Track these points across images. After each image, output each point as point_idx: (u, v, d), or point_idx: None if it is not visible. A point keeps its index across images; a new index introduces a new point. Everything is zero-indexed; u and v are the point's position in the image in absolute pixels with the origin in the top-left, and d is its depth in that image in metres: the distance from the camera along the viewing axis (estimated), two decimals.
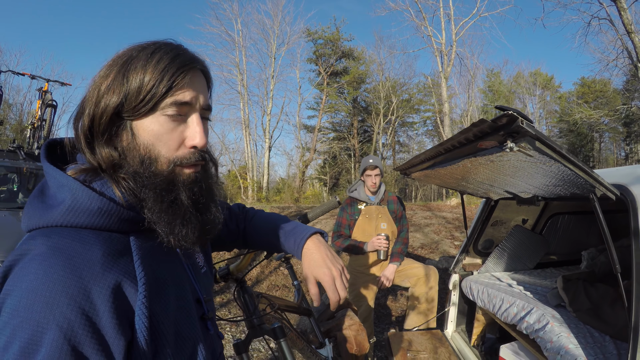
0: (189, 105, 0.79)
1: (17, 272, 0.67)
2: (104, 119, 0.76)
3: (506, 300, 2.72)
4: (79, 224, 0.72)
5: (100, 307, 0.66)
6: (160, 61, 0.76)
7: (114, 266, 0.71)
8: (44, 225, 0.73)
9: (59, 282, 0.64)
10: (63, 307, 0.63)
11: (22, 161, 6.58)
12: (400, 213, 4.02)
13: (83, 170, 0.78)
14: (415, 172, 2.56)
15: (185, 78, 0.78)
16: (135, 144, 0.77)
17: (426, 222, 12.28)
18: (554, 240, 3.90)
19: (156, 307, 0.75)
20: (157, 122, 0.77)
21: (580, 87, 40.69)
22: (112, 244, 0.74)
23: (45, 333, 0.62)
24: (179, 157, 0.79)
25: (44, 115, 7.56)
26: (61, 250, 0.68)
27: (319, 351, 2.40)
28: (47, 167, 0.79)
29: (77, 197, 0.73)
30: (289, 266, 2.87)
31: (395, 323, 5.36)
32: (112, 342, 0.67)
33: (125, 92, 0.74)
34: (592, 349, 2.04)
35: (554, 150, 1.28)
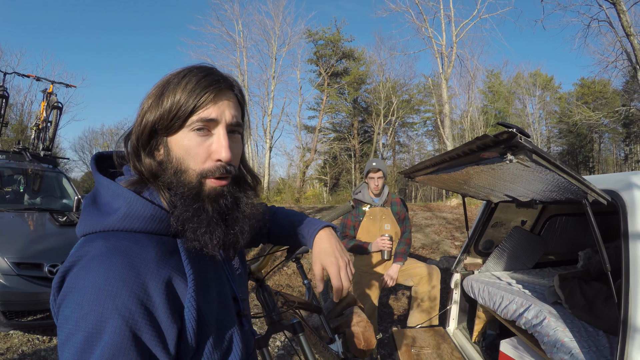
0: (214, 122, 0.88)
1: (78, 271, 0.76)
2: (144, 135, 0.88)
3: (506, 297, 2.85)
4: (133, 228, 0.83)
5: (156, 299, 0.76)
6: (189, 83, 0.86)
7: (167, 264, 0.81)
8: (101, 230, 0.83)
9: (119, 277, 0.73)
10: (124, 299, 0.72)
11: (28, 162, 6.59)
12: (404, 214, 4.16)
13: (134, 182, 0.89)
14: (419, 176, 2.70)
15: (211, 97, 0.87)
16: (170, 157, 0.89)
17: (427, 222, 12.40)
18: (552, 240, 4.03)
19: (202, 302, 0.85)
20: (187, 137, 0.87)
21: (580, 88, 40.66)
22: (163, 246, 0.84)
23: (108, 321, 0.70)
24: (205, 170, 0.88)
25: (49, 117, 7.45)
26: (120, 250, 0.77)
27: (330, 346, 2.53)
28: (100, 178, 0.91)
29: (132, 206, 0.84)
30: (299, 266, 2.99)
31: (397, 321, 5.48)
32: (166, 329, 0.77)
33: (161, 111, 0.86)
34: (586, 342, 2.19)
35: (549, 161, 1.44)
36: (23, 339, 4.34)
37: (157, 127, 0.88)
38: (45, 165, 6.77)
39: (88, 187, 32.80)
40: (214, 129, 0.89)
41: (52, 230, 5.09)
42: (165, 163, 0.90)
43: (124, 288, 0.73)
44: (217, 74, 0.92)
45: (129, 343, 0.71)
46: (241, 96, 0.97)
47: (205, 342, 0.85)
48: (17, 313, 4.14)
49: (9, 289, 4.04)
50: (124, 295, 0.72)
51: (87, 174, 39.41)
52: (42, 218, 5.41)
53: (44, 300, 4.15)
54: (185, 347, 0.81)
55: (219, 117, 0.88)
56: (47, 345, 4.28)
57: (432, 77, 34.52)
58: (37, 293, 4.13)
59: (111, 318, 0.71)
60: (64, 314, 0.73)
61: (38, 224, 5.26)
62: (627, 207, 2.00)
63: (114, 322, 0.71)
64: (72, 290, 0.74)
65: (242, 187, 0.98)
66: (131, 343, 0.71)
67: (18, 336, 4.38)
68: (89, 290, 0.72)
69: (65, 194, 6.58)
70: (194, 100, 0.85)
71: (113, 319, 0.71)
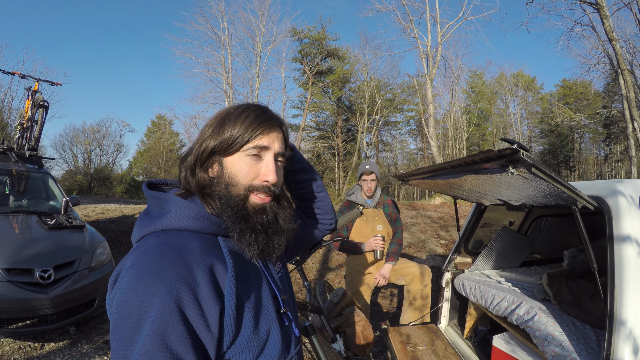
0: (266, 149, 1.06)
1: (132, 263, 0.88)
2: (204, 155, 1.06)
3: (497, 295, 3.00)
4: (180, 227, 0.98)
5: (200, 281, 0.88)
6: (247, 117, 1.05)
7: (209, 253, 0.94)
8: (152, 231, 0.98)
9: (169, 263, 0.86)
10: (173, 280, 0.84)
11: (13, 163, 6.38)
12: (395, 216, 4.28)
13: (180, 194, 1.09)
14: (414, 180, 2.83)
15: (265, 130, 1.05)
16: (223, 174, 1.05)
17: (412, 221, 12.57)
18: (538, 240, 4.21)
19: (241, 289, 0.96)
20: (242, 159, 1.05)
21: (562, 89, 41.44)
22: (206, 240, 0.98)
23: (158, 298, 0.81)
24: (252, 186, 1.04)
25: (35, 116, 7.19)
26: (169, 242, 0.92)
27: (332, 345, 2.66)
28: (152, 193, 1.08)
29: (179, 207, 1.00)
30: (299, 268, 3.10)
31: (385, 319, 5.62)
32: (209, 308, 0.87)
33: (221, 138, 1.04)
34: (575, 335, 2.36)
35: (545, 174, 1.59)
36: (14, 346, 4.30)
37: (216, 150, 1.05)
38: (31, 165, 6.59)
39: (69, 186, 32.30)
40: (264, 155, 1.06)
41: (41, 233, 4.94)
42: (217, 178, 1.06)
43: (172, 271, 0.85)
44: (270, 112, 1.11)
45: (176, 317, 0.82)
46: (287, 134, 1.15)
47: (244, 329, 0.95)
48: (8, 320, 4.03)
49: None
50: (172, 277, 0.85)
51: (68, 173, 38.80)
52: (30, 221, 5.23)
53: (36, 307, 4.05)
54: (226, 329, 0.91)
55: (270, 146, 1.06)
56: (40, 352, 4.25)
57: (416, 77, 34.84)
58: (29, 299, 4.04)
59: (160, 295, 0.82)
60: (119, 300, 0.85)
61: (26, 228, 5.07)
62: (612, 212, 2.20)
63: (163, 299, 0.82)
64: (126, 278, 0.86)
65: (282, 205, 1.13)
66: (178, 317, 0.82)
67: (9, 343, 4.33)
68: (142, 275, 0.85)
69: (52, 195, 6.40)
70: (251, 132, 1.04)
71: (162, 296, 0.82)
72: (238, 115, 1.05)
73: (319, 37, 33.50)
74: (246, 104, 1.11)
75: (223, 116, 1.07)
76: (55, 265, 4.36)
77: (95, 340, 4.60)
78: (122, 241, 8.68)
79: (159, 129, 44.99)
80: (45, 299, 4.10)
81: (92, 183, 37.09)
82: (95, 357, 4.19)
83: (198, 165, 1.06)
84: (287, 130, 1.15)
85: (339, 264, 7.91)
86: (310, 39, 33.90)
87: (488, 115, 42.88)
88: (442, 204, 17.42)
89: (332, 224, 1.56)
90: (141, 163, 46.23)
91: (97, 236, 5.40)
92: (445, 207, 16.44)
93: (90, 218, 10.48)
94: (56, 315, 4.24)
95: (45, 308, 4.11)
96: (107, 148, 43.19)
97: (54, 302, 4.16)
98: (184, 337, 0.82)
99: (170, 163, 41.15)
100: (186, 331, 0.83)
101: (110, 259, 5.19)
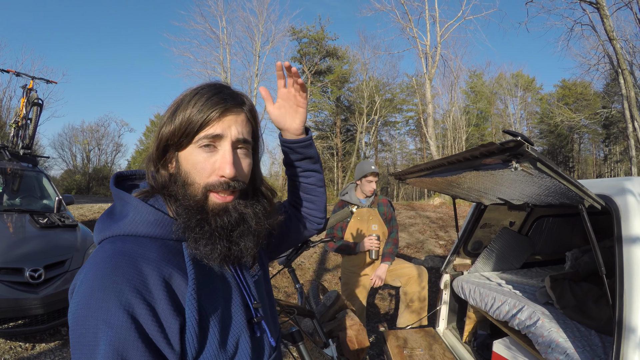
0: (220, 137, 0.92)
1: (87, 274, 0.81)
2: (159, 149, 0.95)
3: (498, 299, 2.89)
4: (139, 233, 0.88)
5: (156, 294, 0.80)
6: (198, 101, 0.91)
7: (168, 263, 0.86)
8: (110, 236, 0.89)
9: (123, 275, 0.78)
10: (127, 295, 0.77)
11: (7, 162, 6.32)
12: (390, 215, 4.18)
13: (143, 192, 0.97)
14: (411, 178, 2.72)
15: (216, 114, 0.91)
16: (179, 170, 0.94)
17: (411, 221, 12.50)
18: (539, 241, 4.10)
19: (204, 301, 0.88)
20: (194, 153, 0.92)
21: (561, 89, 41.42)
22: (166, 248, 0.89)
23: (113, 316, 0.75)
24: (209, 184, 0.92)
25: (29, 114, 7.12)
26: (124, 251, 0.83)
27: (324, 351, 2.54)
28: (115, 190, 0.97)
29: (138, 211, 0.90)
30: (291, 270, 3.00)
31: (383, 321, 5.51)
32: (168, 323, 0.80)
33: (173, 127, 0.92)
34: (580, 342, 2.24)
35: (552, 169, 1.46)
36: (5, 346, 4.22)
37: (169, 143, 0.93)
38: (25, 164, 6.54)
39: (68, 186, 32.33)
40: (219, 145, 0.93)
41: (33, 232, 4.88)
42: (175, 176, 0.95)
43: (126, 285, 0.78)
44: (226, 92, 0.96)
45: (134, 335, 0.75)
46: (251, 114, 1.01)
47: (209, 344, 0.87)
48: None
49: None
50: (126, 291, 0.77)
51: (67, 172, 38.82)
52: (22, 220, 5.20)
53: (26, 307, 4.00)
54: (188, 345, 0.83)
55: (224, 133, 0.93)
56: (30, 352, 4.17)
57: (416, 76, 34.74)
58: (19, 299, 3.96)
59: (116, 312, 0.75)
60: (74, 315, 0.78)
61: (18, 226, 5.04)
62: (621, 211, 2.06)
63: (119, 316, 0.75)
64: (81, 292, 0.79)
65: (252, 201, 1.01)
66: (136, 335, 0.76)
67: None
68: (96, 289, 0.77)
69: (46, 194, 6.36)
70: (201, 117, 0.90)
71: (118, 313, 0.75)
72: (189, 100, 0.93)
73: (317, 36, 33.47)
74: (202, 84, 0.98)
75: (178, 101, 0.95)
76: (45, 265, 4.31)
77: None
78: None
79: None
80: (36, 299, 4.05)
81: (91, 182, 37.09)
82: None
83: (157, 160, 0.96)
84: (251, 111, 1.01)
85: (336, 265, 7.81)
86: (309, 38, 33.89)
87: (487, 116, 42.84)
88: (441, 204, 17.35)
89: (322, 223, 1.44)
90: (140, 162, 45.96)
91: (90, 235, 5.32)
92: (444, 207, 16.37)
93: (87, 217, 10.44)
94: (47, 316, 4.20)
95: (35, 308, 4.06)
96: (106, 147, 43.29)
97: (45, 302, 4.10)
98: (145, 355, 0.76)
99: None
100: (146, 349, 0.77)
101: None
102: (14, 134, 7.90)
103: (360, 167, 4.06)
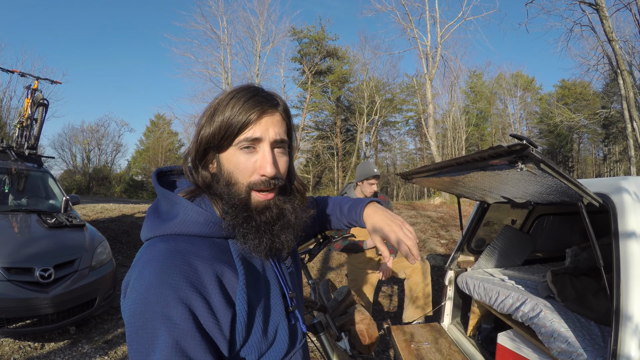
0: (259, 140, 0.97)
1: (142, 271, 0.86)
2: (200, 151, 1.00)
3: (502, 293, 3.01)
4: (189, 232, 0.94)
5: (211, 289, 0.86)
6: (236, 104, 0.96)
7: (219, 260, 0.92)
8: (161, 234, 0.94)
9: (179, 272, 0.84)
10: (185, 289, 0.82)
11: (12, 162, 6.33)
12: None
13: (189, 192, 1.02)
14: (418, 178, 2.83)
15: (255, 116, 0.95)
16: (221, 171, 0.99)
17: (412, 221, 12.58)
18: (540, 239, 4.22)
19: (251, 294, 0.96)
20: (235, 155, 0.97)
21: (561, 89, 41.44)
22: (215, 246, 0.95)
23: (173, 309, 0.80)
24: (252, 182, 0.97)
25: (35, 115, 7.14)
26: (178, 250, 0.89)
27: (338, 344, 2.66)
28: (160, 190, 1.02)
29: (188, 212, 0.95)
30: (304, 266, 3.10)
31: (386, 318, 5.60)
32: (221, 315, 0.87)
33: (212, 130, 0.97)
34: (580, 331, 2.37)
35: (554, 170, 1.60)
36: (14, 346, 4.28)
37: (210, 145, 0.99)
38: (30, 164, 6.56)
39: (68, 186, 32.23)
40: (259, 146, 0.98)
41: (41, 232, 4.91)
42: (217, 175, 1.01)
43: (183, 280, 0.83)
44: (262, 94, 1.01)
45: (192, 326, 0.81)
46: (286, 114, 1.05)
47: (254, 333, 0.94)
48: (8, 320, 4.00)
49: None
50: (184, 286, 0.83)
51: (67, 172, 38.76)
52: (30, 220, 5.21)
53: (36, 306, 4.02)
54: (237, 334, 0.91)
55: (263, 136, 0.97)
56: (40, 352, 4.23)
57: (416, 77, 34.81)
58: (29, 299, 4.00)
59: (175, 305, 0.81)
60: (132, 310, 0.84)
61: (26, 227, 5.05)
62: (617, 208, 2.20)
63: (178, 309, 0.81)
64: (139, 288, 0.84)
65: (289, 196, 1.08)
66: (194, 326, 0.82)
67: (9, 343, 4.31)
68: (154, 285, 0.83)
69: (52, 194, 6.39)
70: (240, 120, 0.95)
71: (177, 306, 0.81)
72: (227, 103, 0.97)
73: (318, 36, 33.54)
74: (237, 87, 1.02)
75: (215, 104, 1.00)
76: (55, 265, 4.33)
77: (96, 340, 4.58)
78: (122, 240, 8.67)
79: (157, 128, 45.00)
80: (46, 299, 4.08)
81: (91, 183, 37.06)
82: (96, 357, 4.17)
83: (198, 161, 1.02)
84: (286, 111, 1.06)
85: (339, 263, 7.92)
86: (309, 38, 33.96)
87: (487, 116, 42.94)
88: (442, 203, 17.46)
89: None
90: (140, 163, 46.19)
91: (98, 235, 5.38)
92: (444, 207, 16.46)
93: (90, 217, 10.48)
94: (56, 315, 4.21)
95: (45, 307, 4.08)
96: (106, 147, 43.26)
97: (54, 301, 4.13)
98: (201, 344, 0.82)
99: (169, 162, 41.02)
100: (203, 338, 0.83)
101: (110, 258, 5.17)
102: (18, 134, 7.84)
103: (363, 169, 4.11)
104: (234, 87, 1.04)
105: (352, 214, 1.35)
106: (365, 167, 4.12)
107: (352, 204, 1.38)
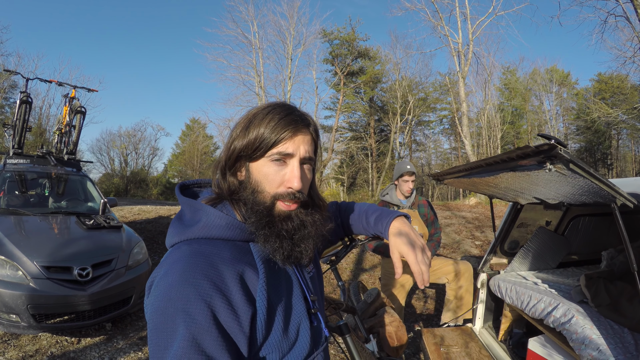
0: (290, 155, 1.03)
1: (167, 271, 0.91)
2: (231, 159, 1.06)
3: (534, 297, 2.94)
4: (211, 236, 1.00)
5: (231, 287, 0.91)
6: (272, 120, 1.02)
7: (240, 261, 0.97)
8: (185, 239, 1.00)
9: (201, 271, 0.89)
10: (206, 287, 0.87)
11: (52, 166, 6.72)
12: (432, 217, 4.24)
13: (211, 199, 1.08)
14: (449, 179, 2.80)
15: (289, 134, 1.02)
16: (249, 179, 1.05)
17: (446, 222, 12.41)
18: (575, 240, 4.10)
19: (271, 293, 0.99)
20: (266, 166, 1.03)
21: (597, 83, 39.98)
22: (237, 248, 1.01)
23: (193, 305, 0.84)
24: (278, 194, 1.03)
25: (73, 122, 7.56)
26: (201, 252, 0.94)
27: (366, 346, 2.65)
28: (183, 199, 1.10)
29: (210, 217, 1.02)
30: (334, 268, 3.11)
31: (418, 321, 5.55)
32: (242, 312, 0.90)
33: (246, 141, 1.03)
34: (613, 339, 2.29)
35: (584, 170, 1.55)
36: (52, 340, 4.45)
37: (242, 154, 1.05)
38: (69, 168, 6.91)
39: (106, 189, 33.27)
40: (289, 160, 1.04)
41: (80, 233, 5.16)
42: (245, 183, 1.06)
43: (205, 279, 0.88)
44: (296, 113, 1.07)
45: (210, 322, 0.85)
46: (316, 134, 1.13)
47: (274, 331, 0.98)
48: (47, 315, 4.21)
49: (39, 292, 4.11)
50: (205, 284, 0.87)
51: (105, 175, 39.90)
52: (69, 221, 5.47)
53: (74, 303, 4.25)
54: (258, 331, 0.94)
55: (294, 152, 1.04)
56: (76, 346, 4.39)
57: (448, 75, 34.35)
58: (67, 296, 4.21)
59: (195, 302, 0.85)
60: (154, 306, 0.88)
61: (65, 228, 5.30)
62: None
63: (197, 305, 0.85)
64: (162, 287, 0.89)
65: (310, 210, 1.12)
66: (212, 322, 0.85)
67: (47, 338, 4.49)
68: (176, 283, 0.87)
69: (90, 197, 6.68)
70: (275, 135, 1.01)
71: (197, 303, 0.85)
72: (263, 118, 1.04)
73: (349, 37, 33.51)
74: (273, 103, 1.09)
75: (250, 117, 1.07)
76: (93, 264, 4.53)
77: (131, 336, 4.72)
78: (159, 241, 8.88)
79: (193, 132, 45.73)
80: (83, 296, 4.27)
81: (129, 185, 38.04)
82: (130, 353, 4.30)
83: (227, 168, 1.08)
84: (316, 131, 1.13)
85: (372, 265, 7.88)
86: (340, 40, 33.94)
87: (522, 113, 41.87)
88: (477, 204, 17.13)
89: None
90: (176, 166, 47.18)
91: (134, 236, 5.57)
92: (480, 207, 16.17)
93: (127, 219, 10.77)
94: (93, 312, 4.41)
95: (82, 304, 4.28)
96: (143, 151, 44.19)
97: (92, 299, 4.33)
98: (218, 340, 0.85)
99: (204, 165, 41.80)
100: (220, 335, 0.86)
101: (146, 259, 5.35)
102: (57, 140, 8.29)
103: (397, 168, 4.16)
104: (270, 102, 1.11)
105: (378, 226, 1.37)
106: (399, 165, 4.16)
107: (378, 215, 1.39)
